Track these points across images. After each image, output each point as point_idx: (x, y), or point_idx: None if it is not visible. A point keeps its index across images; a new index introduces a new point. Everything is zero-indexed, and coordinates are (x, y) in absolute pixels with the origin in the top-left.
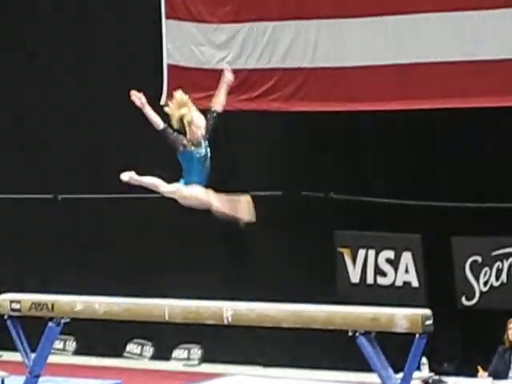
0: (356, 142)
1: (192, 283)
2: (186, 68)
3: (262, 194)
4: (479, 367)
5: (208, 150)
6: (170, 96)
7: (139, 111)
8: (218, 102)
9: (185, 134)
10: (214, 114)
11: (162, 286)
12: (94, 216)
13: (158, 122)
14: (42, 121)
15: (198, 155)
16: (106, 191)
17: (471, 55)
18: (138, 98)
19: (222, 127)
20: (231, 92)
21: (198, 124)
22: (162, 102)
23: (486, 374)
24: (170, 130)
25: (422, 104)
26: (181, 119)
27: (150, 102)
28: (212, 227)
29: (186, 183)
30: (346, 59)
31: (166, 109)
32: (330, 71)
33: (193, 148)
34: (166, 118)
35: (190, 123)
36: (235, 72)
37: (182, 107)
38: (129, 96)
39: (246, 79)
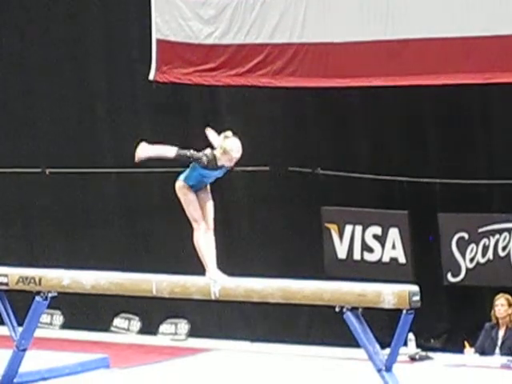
0: (343, 118)
1: (180, 258)
2: (175, 43)
3: (249, 169)
4: (466, 343)
5: (221, 175)
6: (158, 71)
7: (129, 85)
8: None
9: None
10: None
11: (150, 261)
12: (81, 190)
13: (167, 152)
14: (29, 94)
15: (210, 177)
16: (94, 165)
17: (462, 31)
18: (138, 158)
19: (210, 103)
20: (220, 67)
21: (233, 156)
22: (151, 77)
23: (473, 349)
24: (182, 151)
25: (410, 80)
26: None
27: (139, 78)
28: None
29: (186, 179)
30: (335, 35)
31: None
32: (318, 47)
33: (209, 169)
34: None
35: (226, 151)
36: (223, 47)
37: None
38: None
39: (234, 54)
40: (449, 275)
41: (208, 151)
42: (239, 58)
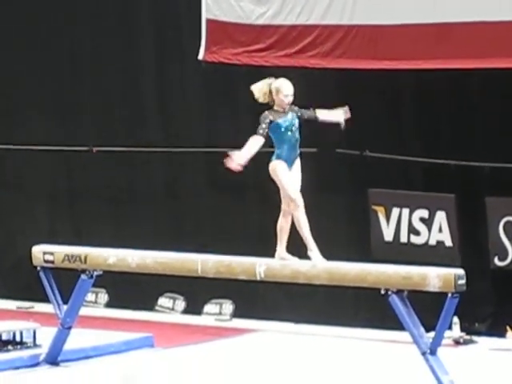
0: (392, 100)
1: (226, 238)
2: (225, 23)
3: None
4: (508, 327)
5: (296, 120)
6: (207, 50)
7: (178, 64)
8: (322, 114)
9: (272, 104)
10: (313, 116)
11: (196, 240)
12: (129, 169)
13: (256, 144)
14: (76, 74)
15: (285, 123)
16: (141, 144)
17: (509, 15)
18: (235, 165)
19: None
20: (269, 48)
21: (286, 92)
22: (200, 56)
23: None
24: (260, 131)
25: (459, 64)
26: (269, 90)
27: (189, 57)
28: (251, 183)
29: (278, 156)
30: (385, 17)
31: (253, 88)
32: (368, 29)
33: (278, 119)
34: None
35: (277, 91)
36: (274, 28)
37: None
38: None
39: (285, 35)
40: (495, 259)
41: (264, 120)
42: (290, 38)
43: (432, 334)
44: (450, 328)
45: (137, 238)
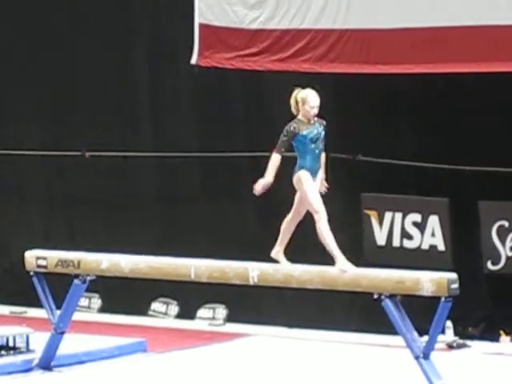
0: (385, 105)
1: (218, 243)
2: (218, 27)
3: (289, 154)
4: (501, 331)
5: (322, 133)
6: (200, 55)
7: (171, 69)
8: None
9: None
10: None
11: (189, 245)
12: (122, 174)
13: (276, 162)
14: (70, 79)
15: (310, 135)
16: (133, 149)
17: (506, 20)
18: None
19: (255, 88)
20: (262, 52)
21: (312, 104)
22: (193, 61)
23: (509, 338)
24: (280, 145)
25: (454, 68)
26: (296, 100)
27: (182, 62)
28: (244, 189)
29: (301, 166)
30: (378, 22)
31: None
32: (361, 33)
33: (304, 131)
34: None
35: (304, 101)
36: (267, 32)
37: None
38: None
39: (278, 39)
40: (488, 263)
41: (288, 133)
42: (283, 43)
43: (425, 338)
44: (443, 332)
45: (130, 242)
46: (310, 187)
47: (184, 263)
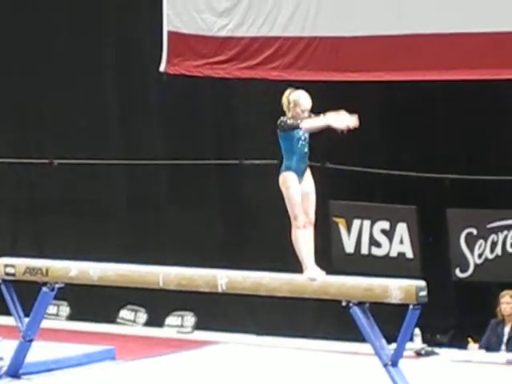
0: (354, 111)
1: (188, 250)
2: (187, 35)
3: (257, 162)
4: (469, 339)
5: (307, 134)
6: (169, 63)
7: (139, 76)
8: (307, 122)
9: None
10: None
11: (158, 252)
12: (90, 181)
13: (307, 127)
14: (37, 85)
15: (298, 134)
16: (102, 156)
17: (472, 27)
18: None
19: (224, 95)
20: (231, 60)
21: (304, 107)
22: (162, 69)
23: (477, 345)
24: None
25: (423, 76)
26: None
27: (150, 70)
28: (213, 195)
29: (287, 167)
30: (347, 29)
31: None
32: (329, 40)
33: (298, 129)
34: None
35: (295, 103)
36: (236, 40)
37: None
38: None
39: (246, 47)
40: (457, 271)
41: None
42: (251, 50)
43: (394, 345)
44: (411, 340)
45: (99, 250)
46: (295, 191)
47: (152, 271)
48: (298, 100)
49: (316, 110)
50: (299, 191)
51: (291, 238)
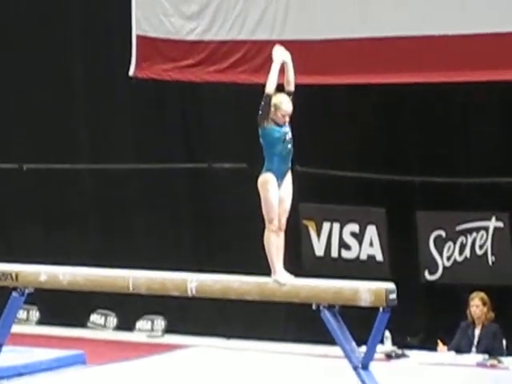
0: (323, 114)
1: (158, 254)
2: (155, 39)
3: (226, 165)
4: (439, 341)
5: (289, 133)
6: (138, 67)
7: (107, 80)
8: (288, 82)
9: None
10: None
11: (127, 256)
12: (59, 186)
13: (272, 87)
14: (3, 90)
15: (277, 134)
16: (70, 161)
17: (439, 30)
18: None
19: (193, 99)
20: (200, 64)
21: (284, 112)
22: (131, 73)
23: (446, 348)
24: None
25: (392, 78)
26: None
27: (119, 73)
28: (184, 198)
29: (268, 169)
30: (314, 33)
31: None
32: (297, 44)
33: (274, 126)
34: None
35: (276, 107)
36: (205, 44)
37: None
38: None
39: (215, 51)
40: (426, 273)
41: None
42: (220, 54)
43: (364, 348)
44: (381, 342)
45: (69, 254)
46: (272, 194)
47: (122, 275)
48: (279, 104)
49: None
50: (277, 195)
51: (263, 241)
